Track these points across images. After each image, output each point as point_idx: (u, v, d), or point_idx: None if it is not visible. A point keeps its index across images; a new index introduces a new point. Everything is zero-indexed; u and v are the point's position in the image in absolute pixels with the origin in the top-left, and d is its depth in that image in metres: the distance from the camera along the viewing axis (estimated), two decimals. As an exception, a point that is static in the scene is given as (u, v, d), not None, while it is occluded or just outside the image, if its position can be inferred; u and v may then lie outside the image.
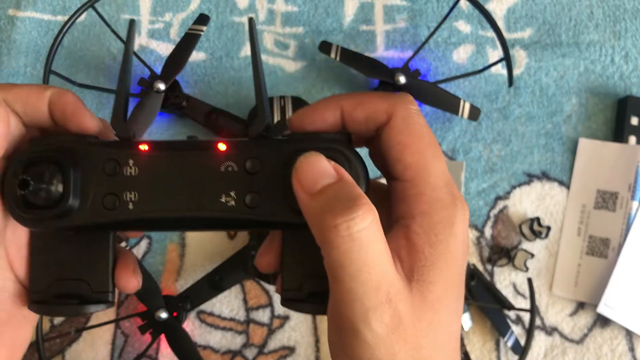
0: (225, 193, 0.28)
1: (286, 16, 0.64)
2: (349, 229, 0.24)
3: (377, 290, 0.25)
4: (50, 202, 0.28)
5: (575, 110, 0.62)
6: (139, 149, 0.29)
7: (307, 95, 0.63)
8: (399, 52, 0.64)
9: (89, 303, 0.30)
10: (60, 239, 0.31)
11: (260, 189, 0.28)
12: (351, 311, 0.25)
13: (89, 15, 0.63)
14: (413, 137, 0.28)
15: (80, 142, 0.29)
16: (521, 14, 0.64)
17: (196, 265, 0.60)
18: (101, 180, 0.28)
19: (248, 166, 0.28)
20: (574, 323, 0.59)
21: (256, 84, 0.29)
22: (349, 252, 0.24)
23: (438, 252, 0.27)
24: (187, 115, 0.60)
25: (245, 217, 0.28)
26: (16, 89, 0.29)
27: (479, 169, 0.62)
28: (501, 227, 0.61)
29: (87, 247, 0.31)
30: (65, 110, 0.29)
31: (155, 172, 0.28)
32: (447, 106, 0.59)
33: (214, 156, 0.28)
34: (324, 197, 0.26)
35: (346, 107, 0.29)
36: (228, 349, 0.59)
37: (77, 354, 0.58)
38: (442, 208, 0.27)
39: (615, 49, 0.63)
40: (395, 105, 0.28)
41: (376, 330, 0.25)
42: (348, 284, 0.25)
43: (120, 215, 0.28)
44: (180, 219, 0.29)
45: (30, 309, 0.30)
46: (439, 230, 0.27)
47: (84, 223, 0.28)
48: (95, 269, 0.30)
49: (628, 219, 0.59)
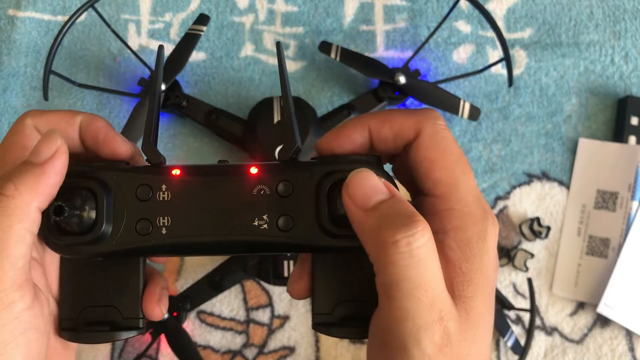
0: (258, 216, 0.28)
1: (286, 16, 0.64)
2: (409, 245, 0.24)
3: (430, 308, 0.25)
4: (84, 228, 0.28)
5: (575, 111, 0.62)
6: (171, 174, 0.29)
7: (307, 95, 0.63)
8: (399, 52, 0.64)
9: (120, 330, 0.30)
10: (90, 266, 0.31)
11: (293, 212, 0.28)
12: (403, 329, 0.25)
13: (89, 15, 0.63)
14: (441, 154, 0.28)
15: (112, 167, 0.29)
16: (521, 14, 0.64)
17: (196, 265, 0.60)
18: (134, 206, 0.29)
19: (280, 189, 0.28)
20: (574, 323, 0.59)
21: (285, 107, 0.29)
22: (407, 268, 0.24)
23: (474, 267, 0.27)
24: (187, 115, 0.60)
25: (278, 240, 0.28)
26: (46, 115, 0.29)
27: (479, 169, 0.62)
28: (501, 227, 0.61)
29: (117, 273, 0.31)
30: (97, 136, 0.29)
31: (188, 196, 0.29)
32: (447, 106, 0.59)
33: (245, 180, 0.29)
34: (379, 214, 0.26)
35: (373, 126, 0.29)
36: (228, 349, 0.59)
37: (78, 354, 0.58)
38: (474, 223, 0.27)
39: (615, 49, 0.63)
40: (422, 121, 0.28)
41: (426, 349, 0.25)
42: (401, 302, 0.25)
43: (154, 240, 0.28)
44: (213, 243, 0.29)
45: (62, 336, 0.30)
46: (472, 245, 0.27)
47: (117, 249, 0.28)
48: (125, 295, 0.31)
49: (628, 219, 0.59)
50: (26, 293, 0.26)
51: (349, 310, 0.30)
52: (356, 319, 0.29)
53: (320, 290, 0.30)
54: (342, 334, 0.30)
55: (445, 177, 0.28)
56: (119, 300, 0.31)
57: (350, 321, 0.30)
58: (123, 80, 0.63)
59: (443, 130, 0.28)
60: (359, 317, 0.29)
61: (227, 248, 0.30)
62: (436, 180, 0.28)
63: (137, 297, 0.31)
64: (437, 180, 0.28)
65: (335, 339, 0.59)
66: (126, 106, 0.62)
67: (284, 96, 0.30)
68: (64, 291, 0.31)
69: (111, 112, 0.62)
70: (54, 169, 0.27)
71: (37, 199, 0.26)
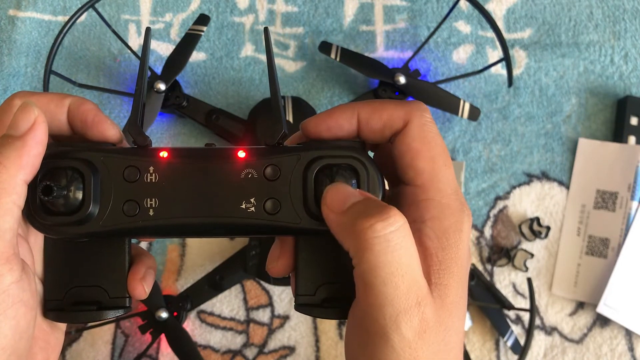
0: (245, 199, 0.29)
1: (286, 16, 0.64)
2: (384, 229, 0.25)
3: (407, 294, 0.25)
4: (70, 208, 0.28)
5: (574, 111, 0.62)
6: (159, 156, 0.29)
7: (307, 96, 0.63)
8: (399, 52, 0.64)
9: (106, 309, 0.30)
10: (75, 247, 0.31)
11: (280, 196, 0.29)
12: (382, 315, 0.25)
13: (89, 15, 0.63)
14: (427, 144, 0.29)
15: (99, 149, 0.29)
16: (521, 14, 0.64)
17: (196, 265, 0.60)
18: (121, 187, 0.29)
19: (267, 173, 0.29)
20: (574, 323, 0.59)
21: (272, 93, 0.30)
22: (383, 253, 0.25)
23: (449, 256, 0.27)
24: (187, 115, 0.60)
25: (265, 223, 0.29)
26: (35, 96, 0.29)
27: (478, 169, 0.62)
28: (501, 227, 0.61)
29: (103, 253, 0.31)
30: (85, 118, 0.29)
31: (176, 178, 0.29)
32: (447, 106, 0.59)
33: (233, 163, 0.29)
34: (353, 211, 0.26)
35: (363, 114, 0.30)
36: (228, 349, 0.59)
37: (78, 354, 0.58)
38: (451, 214, 0.28)
39: (614, 49, 0.63)
40: (411, 112, 0.29)
41: (405, 334, 0.25)
42: (379, 288, 0.25)
43: (141, 221, 0.28)
44: (200, 225, 0.29)
45: (47, 317, 0.30)
46: (449, 235, 0.28)
47: (104, 230, 0.29)
48: (111, 275, 0.31)
49: (628, 219, 0.59)
50: (14, 266, 0.26)
51: (331, 292, 0.30)
52: (338, 300, 0.30)
53: (304, 272, 0.31)
54: (324, 314, 0.30)
55: (429, 167, 0.28)
56: (105, 281, 0.31)
57: (332, 302, 0.30)
58: (123, 80, 0.63)
59: (430, 122, 0.29)
60: (340, 298, 0.30)
61: (214, 230, 0.30)
62: (419, 170, 0.28)
63: (123, 277, 0.31)
64: (421, 170, 0.28)
65: (335, 339, 0.59)
66: (126, 106, 0.63)
67: (271, 81, 0.30)
68: (49, 272, 0.31)
69: (111, 112, 0.62)
70: (34, 140, 0.27)
71: (22, 171, 0.26)
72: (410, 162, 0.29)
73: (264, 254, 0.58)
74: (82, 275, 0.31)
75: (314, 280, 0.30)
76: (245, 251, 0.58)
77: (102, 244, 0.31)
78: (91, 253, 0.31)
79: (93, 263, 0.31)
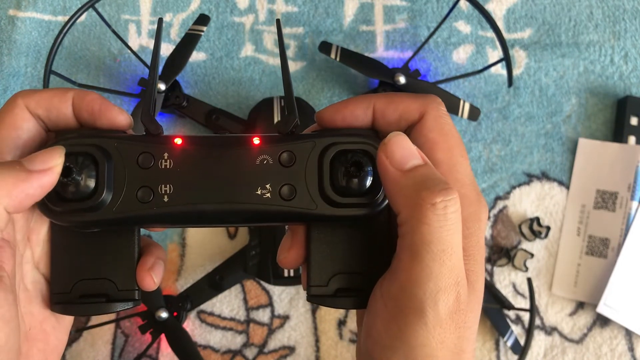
0: (260, 185, 0.28)
1: (286, 16, 0.65)
2: (445, 209, 0.25)
3: (450, 272, 0.25)
4: (83, 195, 0.28)
5: (574, 111, 0.62)
6: (174, 142, 0.29)
7: (307, 95, 0.63)
8: (399, 52, 0.64)
9: (115, 301, 0.30)
10: (82, 239, 0.30)
11: (296, 182, 0.29)
12: (423, 291, 0.25)
13: (89, 15, 0.63)
14: (444, 136, 0.29)
15: (112, 136, 0.29)
16: (521, 14, 0.64)
17: (196, 265, 0.60)
18: (135, 174, 0.28)
19: (283, 159, 0.29)
20: (574, 323, 0.59)
21: (285, 84, 0.30)
22: (440, 230, 0.25)
23: (471, 244, 0.28)
24: (187, 115, 0.60)
25: (281, 209, 0.28)
26: (38, 94, 0.29)
27: (478, 169, 0.62)
28: (501, 227, 0.61)
29: (111, 245, 0.30)
30: (92, 108, 0.29)
31: (190, 165, 0.28)
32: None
33: (249, 150, 0.29)
34: (416, 176, 0.26)
35: (379, 105, 0.30)
36: (228, 349, 0.59)
37: (78, 354, 0.58)
38: (470, 204, 0.28)
39: (614, 49, 0.63)
40: (427, 104, 0.30)
41: (440, 312, 0.25)
42: (427, 262, 0.25)
43: (155, 208, 0.28)
44: (215, 211, 0.29)
45: (54, 310, 0.30)
46: (469, 224, 0.28)
47: (117, 217, 0.28)
48: (120, 267, 0.30)
49: (627, 219, 0.59)
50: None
51: (344, 283, 0.30)
52: (352, 290, 0.30)
53: (316, 262, 0.30)
54: (338, 304, 0.30)
55: (447, 158, 0.29)
56: (113, 273, 0.30)
57: (347, 292, 0.30)
58: (123, 80, 0.63)
59: (445, 115, 0.30)
60: (354, 289, 0.30)
61: (229, 217, 0.29)
62: (437, 161, 0.29)
63: (132, 269, 0.30)
64: (438, 161, 0.29)
65: (335, 339, 0.59)
66: (126, 106, 0.63)
67: (284, 72, 0.30)
68: (55, 265, 0.30)
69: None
70: (38, 182, 0.26)
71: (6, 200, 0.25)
72: (428, 153, 0.28)
73: (264, 254, 0.58)
74: (90, 268, 0.30)
75: (326, 270, 0.30)
76: (245, 251, 0.58)
77: (110, 235, 0.30)
78: (99, 245, 0.30)
79: (101, 255, 0.30)
